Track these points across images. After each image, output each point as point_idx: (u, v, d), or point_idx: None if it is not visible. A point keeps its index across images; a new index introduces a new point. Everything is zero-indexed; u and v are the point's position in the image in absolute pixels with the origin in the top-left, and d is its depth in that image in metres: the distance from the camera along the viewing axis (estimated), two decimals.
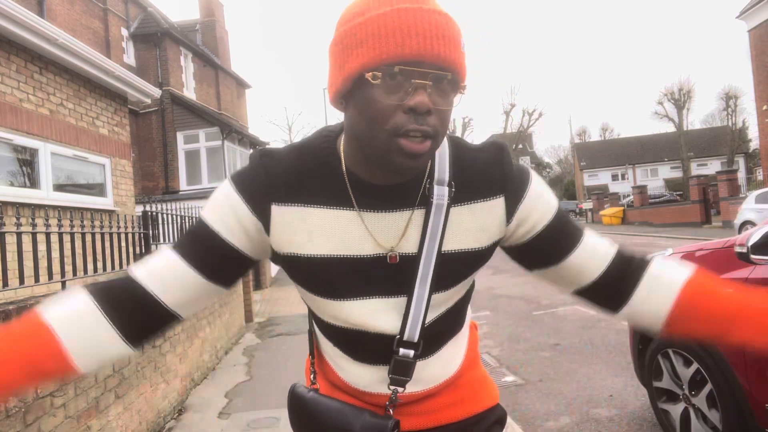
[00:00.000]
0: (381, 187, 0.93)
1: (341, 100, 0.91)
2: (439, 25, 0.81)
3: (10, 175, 5.39)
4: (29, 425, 2.45)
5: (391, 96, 0.83)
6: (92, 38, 14.64)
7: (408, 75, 0.82)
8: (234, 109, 22.69)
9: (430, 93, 0.83)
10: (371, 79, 0.82)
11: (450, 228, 0.95)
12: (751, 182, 28.13)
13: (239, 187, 0.94)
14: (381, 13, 0.82)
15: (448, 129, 0.91)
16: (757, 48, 21.79)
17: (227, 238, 0.94)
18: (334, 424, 1.00)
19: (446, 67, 0.83)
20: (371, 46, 0.82)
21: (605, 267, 1.01)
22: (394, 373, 0.99)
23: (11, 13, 4.92)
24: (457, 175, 0.96)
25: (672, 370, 2.99)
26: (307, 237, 0.94)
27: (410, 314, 0.96)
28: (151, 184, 16.75)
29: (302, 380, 1.18)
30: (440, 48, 0.81)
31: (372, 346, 1.01)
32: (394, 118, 0.83)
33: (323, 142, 0.97)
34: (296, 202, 0.94)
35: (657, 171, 52.06)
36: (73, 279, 3.15)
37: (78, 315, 0.91)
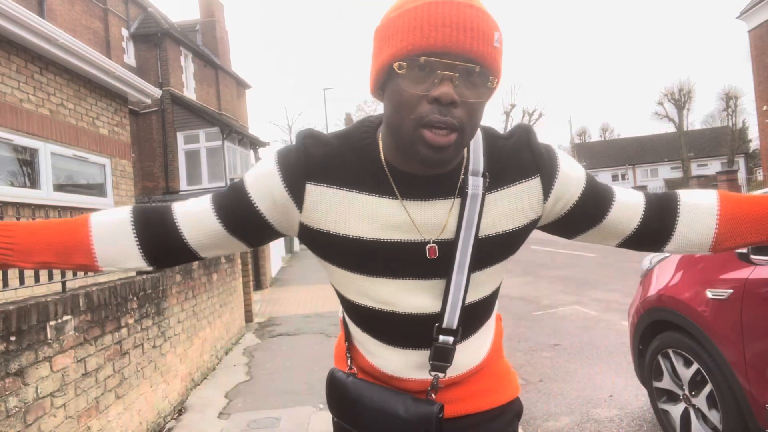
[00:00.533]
0: (420, 177, 0.96)
1: (379, 91, 0.94)
2: (468, 17, 0.82)
3: (11, 175, 5.39)
4: (29, 425, 2.45)
5: (417, 86, 0.85)
6: (92, 38, 14.64)
7: (434, 66, 0.83)
8: (234, 110, 22.69)
9: (457, 85, 0.84)
10: (397, 69, 0.85)
11: (486, 214, 0.98)
12: (751, 183, 28.11)
13: (280, 162, 0.99)
14: (413, 6, 0.84)
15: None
16: (757, 48, 21.79)
17: (257, 204, 0.99)
18: (377, 408, 1.03)
19: (474, 59, 0.83)
20: (400, 37, 0.84)
21: (642, 214, 1.07)
22: (435, 359, 1.01)
23: (11, 13, 4.92)
24: (491, 165, 1.00)
25: (672, 370, 2.99)
26: (344, 217, 0.97)
27: (449, 299, 0.99)
28: (152, 185, 16.75)
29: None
30: (467, 40, 0.82)
31: (404, 329, 1.03)
32: (419, 107, 0.85)
33: (364, 132, 1.01)
34: (334, 185, 0.97)
35: (657, 171, 52.02)
36: (74, 279, 3.15)
37: (113, 224, 1.03)
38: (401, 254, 0.98)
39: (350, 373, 1.11)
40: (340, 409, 1.11)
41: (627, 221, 1.07)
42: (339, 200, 0.97)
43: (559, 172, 1.02)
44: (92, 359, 3.09)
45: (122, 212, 1.04)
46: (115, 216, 1.04)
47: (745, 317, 2.45)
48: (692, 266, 2.99)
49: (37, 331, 2.55)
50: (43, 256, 1.00)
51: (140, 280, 3.86)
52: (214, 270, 6.05)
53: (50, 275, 3.01)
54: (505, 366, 1.20)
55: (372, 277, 1.00)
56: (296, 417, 4.05)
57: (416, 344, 1.03)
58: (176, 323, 4.62)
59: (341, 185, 0.97)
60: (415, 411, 0.99)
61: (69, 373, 2.83)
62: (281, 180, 0.97)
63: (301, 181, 0.97)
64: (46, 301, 2.64)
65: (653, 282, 3.23)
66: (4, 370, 2.29)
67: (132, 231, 1.02)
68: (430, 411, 0.98)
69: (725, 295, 2.57)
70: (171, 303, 4.52)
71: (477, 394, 1.12)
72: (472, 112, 0.87)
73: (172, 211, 1.04)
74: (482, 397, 1.12)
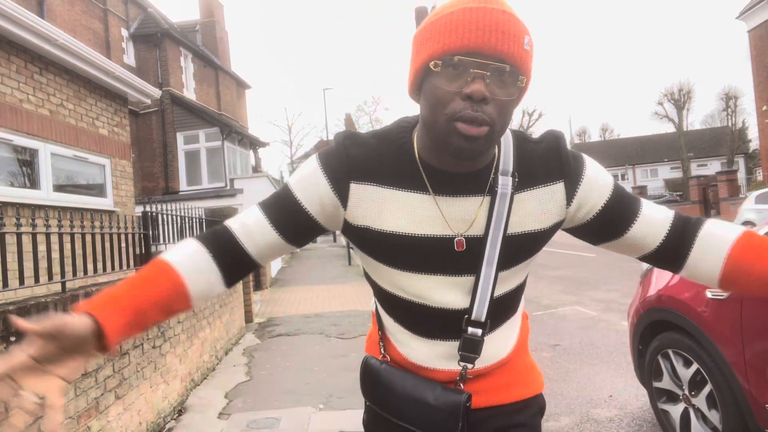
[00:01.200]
0: (452, 174, 1.02)
1: (416, 92, 1.00)
2: (500, 21, 0.89)
3: (11, 175, 5.39)
4: (29, 425, 2.44)
5: (452, 84, 0.91)
6: (92, 39, 14.64)
7: (467, 65, 0.90)
8: (234, 110, 22.69)
9: (488, 83, 0.90)
10: (433, 68, 0.92)
11: (514, 213, 1.03)
12: (751, 183, 28.08)
13: (324, 165, 1.05)
14: (450, 11, 0.92)
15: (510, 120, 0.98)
16: (757, 48, 21.80)
17: (307, 206, 1.05)
18: (408, 394, 1.09)
19: (505, 59, 0.90)
20: (437, 39, 0.92)
21: (665, 233, 1.08)
22: (464, 350, 1.07)
23: (11, 14, 4.92)
24: (520, 166, 1.05)
25: (672, 370, 2.99)
26: (382, 214, 1.03)
27: (478, 294, 1.04)
28: (151, 185, 16.74)
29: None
30: (498, 41, 0.89)
31: (434, 321, 1.08)
32: (452, 103, 0.91)
33: (400, 132, 1.07)
34: (374, 182, 1.04)
35: (657, 171, 52.03)
36: (74, 279, 3.15)
37: (193, 259, 1.05)
38: (431, 248, 1.03)
39: (383, 360, 1.18)
40: (372, 394, 1.17)
41: (651, 237, 1.08)
42: (378, 197, 1.04)
43: (584, 179, 1.06)
44: (92, 359, 3.09)
45: (192, 245, 1.07)
46: (188, 251, 1.06)
47: (744, 317, 2.45)
48: None
49: None
50: (154, 318, 1.01)
51: None
52: None
53: (50, 275, 3.01)
54: (530, 362, 1.25)
55: (405, 272, 1.06)
56: (296, 417, 4.05)
57: (445, 336, 1.09)
58: (176, 323, 4.62)
59: (380, 183, 1.04)
60: (444, 399, 1.05)
61: None
62: (327, 182, 1.04)
63: (345, 181, 1.04)
64: (46, 301, 2.64)
65: (653, 282, 3.23)
66: None
67: (211, 259, 1.05)
68: (459, 400, 1.04)
69: (725, 295, 2.57)
70: None
71: (502, 387, 1.16)
72: (502, 109, 0.92)
73: (230, 229, 1.08)
74: (507, 390, 1.17)
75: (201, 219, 6.36)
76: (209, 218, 6.74)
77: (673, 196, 37.63)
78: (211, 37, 22.72)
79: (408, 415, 1.09)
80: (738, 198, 19.40)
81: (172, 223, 5.32)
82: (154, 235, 4.68)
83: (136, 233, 4.20)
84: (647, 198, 27.01)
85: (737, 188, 21.35)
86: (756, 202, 13.19)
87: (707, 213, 23.22)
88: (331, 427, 3.83)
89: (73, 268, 3.15)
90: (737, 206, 16.19)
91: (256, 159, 22.16)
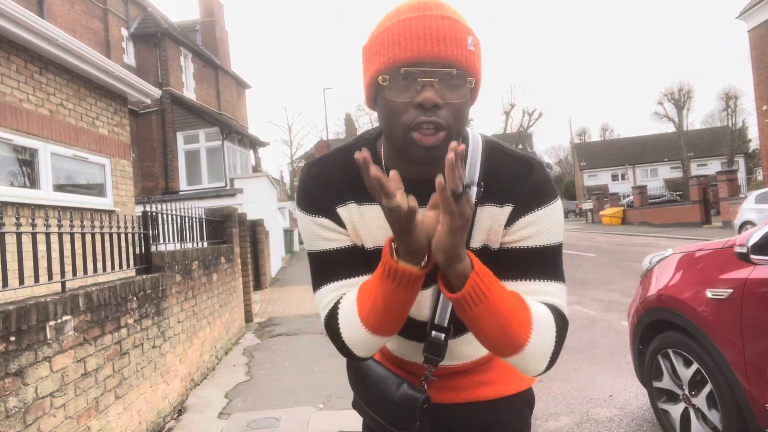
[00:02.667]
0: (420, 182, 1.00)
1: (372, 104, 1.01)
2: (440, 27, 0.90)
3: (10, 175, 5.38)
4: (29, 425, 2.45)
5: (402, 94, 0.92)
6: (92, 38, 14.63)
7: (415, 75, 0.91)
8: (234, 110, 22.69)
9: (438, 89, 0.91)
10: (381, 82, 0.93)
11: (476, 225, 1.02)
12: (751, 182, 28.08)
13: (305, 207, 1.07)
14: (390, 24, 0.93)
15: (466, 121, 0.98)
16: (757, 48, 21.79)
17: (337, 246, 1.05)
18: (378, 388, 1.14)
19: (450, 63, 0.90)
20: (381, 53, 0.93)
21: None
22: (428, 352, 1.10)
23: (11, 13, 4.92)
24: (487, 178, 1.03)
25: (672, 370, 2.99)
26: (365, 232, 1.05)
27: (440, 300, 1.06)
28: (151, 185, 16.74)
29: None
30: (440, 48, 0.89)
31: (409, 325, 1.09)
32: (406, 114, 0.91)
33: (363, 143, 1.08)
34: (351, 201, 1.05)
35: (657, 171, 52.04)
36: (73, 279, 3.15)
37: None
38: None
39: None
40: (353, 381, 1.24)
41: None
42: (359, 215, 1.05)
43: (532, 214, 1.00)
44: (92, 359, 3.09)
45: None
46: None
47: (744, 317, 2.45)
48: (692, 266, 2.99)
49: (37, 331, 2.55)
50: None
51: (140, 280, 3.86)
52: (213, 270, 6.05)
53: (50, 275, 3.01)
54: None
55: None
56: (296, 417, 4.05)
57: (418, 338, 1.13)
58: (176, 323, 4.62)
59: (356, 200, 1.05)
60: (405, 396, 1.09)
61: (69, 374, 2.83)
62: (316, 216, 1.05)
63: (332, 208, 1.05)
64: (46, 301, 2.64)
65: (653, 282, 3.23)
66: (4, 371, 2.29)
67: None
68: (416, 399, 1.07)
69: (725, 295, 2.57)
70: (171, 303, 4.52)
71: (482, 384, 1.19)
72: (456, 112, 0.93)
73: (337, 310, 1.04)
74: (487, 387, 1.19)
75: (201, 219, 6.35)
76: (209, 218, 6.73)
77: (673, 196, 37.62)
78: (211, 37, 22.71)
79: (375, 406, 1.15)
80: (738, 198, 19.38)
81: (172, 222, 5.32)
82: (154, 234, 4.67)
83: (136, 233, 4.19)
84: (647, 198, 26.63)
85: (737, 188, 21.32)
86: (756, 202, 13.18)
87: (707, 213, 23.19)
88: (331, 427, 3.83)
89: (73, 267, 3.15)
90: (737, 206, 16.18)
91: (256, 159, 22.16)
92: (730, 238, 2.84)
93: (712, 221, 22.76)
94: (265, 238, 13.40)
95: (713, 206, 23.88)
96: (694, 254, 3.04)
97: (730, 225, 16.72)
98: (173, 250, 4.85)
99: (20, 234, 2.64)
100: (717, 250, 2.83)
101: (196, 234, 6.09)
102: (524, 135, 49.89)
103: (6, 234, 2.57)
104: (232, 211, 7.56)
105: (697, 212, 23.44)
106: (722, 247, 2.79)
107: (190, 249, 5.32)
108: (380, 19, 0.99)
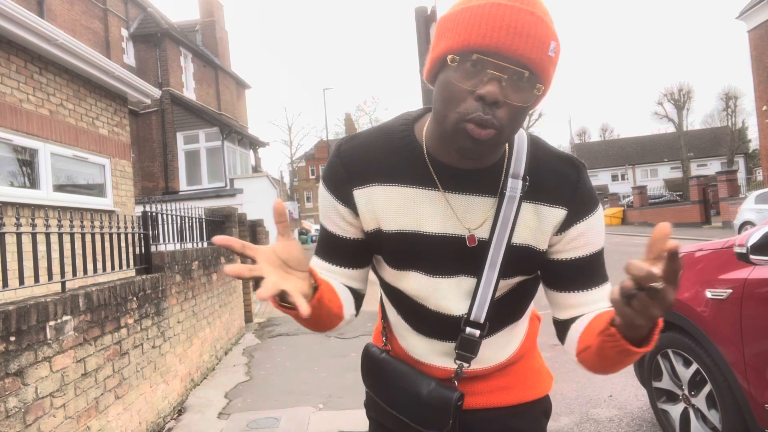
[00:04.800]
0: (462, 170, 0.98)
1: (432, 80, 0.96)
2: (528, 23, 0.84)
3: (10, 175, 5.38)
4: (29, 425, 2.45)
5: (466, 81, 0.87)
6: (92, 38, 14.64)
7: (485, 65, 0.86)
8: (234, 110, 22.69)
9: (503, 86, 0.86)
10: (450, 62, 0.87)
11: (519, 221, 0.99)
12: (750, 183, 28.11)
13: (326, 184, 1.05)
14: (477, 4, 0.86)
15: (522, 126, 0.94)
16: (757, 48, 21.79)
17: (342, 234, 1.06)
18: (403, 385, 1.09)
19: (525, 64, 0.85)
20: (458, 32, 0.87)
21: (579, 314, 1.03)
22: (461, 349, 1.05)
23: (11, 14, 4.92)
24: (533, 173, 1.00)
25: (672, 370, 2.99)
26: (389, 212, 1.01)
27: (478, 295, 1.02)
28: (151, 185, 16.75)
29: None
30: (521, 44, 0.84)
31: (432, 322, 1.07)
32: (464, 102, 0.87)
33: (402, 125, 1.04)
34: (378, 182, 1.01)
35: (657, 171, 52.04)
36: (73, 279, 3.15)
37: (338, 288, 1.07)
38: (436, 246, 1.01)
39: (384, 349, 1.18)
40: (370, 381, 1.18)
41: (589, 308, 1.03)
42: (384, 197, 1.01)
43: (587, 219, 1.01)
44: (92, 359, 3.09)
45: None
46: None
47: (744, 317, 2.45)
48: (692, 266, 2.99)
49: (37, 331, 2.55)
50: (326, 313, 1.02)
51: (140, 281, 3.86)
52: (213, 270, 6.05)
53: (50, 275, 3.01)
54: (537, 365, 1.22)
55: (408, 272, 1.04)
56: (296, 417, 4.05)
57: (442, 337, 1.07)
58: (176, 323, 4.62)
59: (385, 181, 1.01)
60: (437, 395, 1.04)
61: (69, 374, 2.83)
62: (334, 199, 1.04)
63: (348, 191, 1.02)
64: (46, 301, 2.64)
65: None
66: (4, 370, 2.29)
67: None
68: (450, 397, 1.03)
69: (725, 295, 2.57)
70: (171, 303, 4.52)
71: (501, 389, 1.15)
72: (514, 114, 0.88)
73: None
74: (506, 393, 1.15)
75: (201, 219, 6.35)
76: (209, 218, 6.73)
77: (673, 196, 37.61)
78: (211, 37, 22.71)
79: (400, 405, 1.09)
80: (738, 198, 19.39)
81: (172, 223, 5.32)
82: (154, 235, 4.67)
83: (135, 233, 4.19)
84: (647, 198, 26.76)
85: (737, 188, 21.32)
86: (756, 202, 13.19)
87: (707, 213, 23.20)
88: (330, 427, 3.83)
89: (73, 267, 3.15)
90: (737, 206, 16.19)
91: (256, 159, 22.16)
92: (729, 238, 2.84)
93: (711, 221, 22.77)
94: (265, 239, 13.39)
95: (713, 206, 23.89)
96: (694, 254, 3.04)
97: (730, 225, 16.73)
98: (173, 250, 4.85)
99: (20, 234, 2.64)
100: (716, 251, 2.83)
101: (196, 234, 6.09)
102: None
103: (6, 234, 2.57)
104: (232, 212, 7.56)
105: (696, 212, 23.44)
106: (722, 247, 2.79)
107: (190, 249, 5.32)
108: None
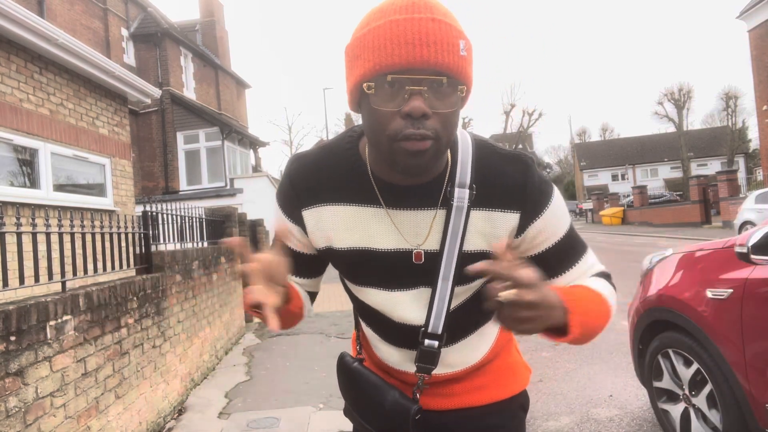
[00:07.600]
0: (404, 187, 0.98)
1: (356, 108, 0.96)
2: (431, 31, 0.83)
3: (11, 175, 5.38)
4: (29, 425, 2.45)
5: (389, 103, 0.86)
6: (92, 38, 14.64)
7: (402, 82, 0.85)
8: (234, 109, 22.69)
9: (427, 98, 0.85)
10: (366, 90, 0.87)
11: (470, 229, 0.99)
12: (751, 182, 28.07)
13: (279, 202, 1.09)
14: (376, 26, 0.86)
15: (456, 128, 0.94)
16: (757, 48, 21.79)
17: (295, 249, 1.10)
18: (369, 395, 1.12)
19: (441, 71, 0.84)
20: (366, 58, 0.86)
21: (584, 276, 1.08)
22: (420, 361, 1.06)
23: (11, 13, 4.92)
24: (479, 180, 0.99)
25: (672, 370, 2.99)
26: (339, 231, 1.03)
27: (434, 308, 1.02)
28: (151, 184, 16.75)
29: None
30: (430, 53, 0.83)
31: (397, 332, 1.08)
32: (392, 123, 0.86)
33: (347, 143, 1.04)
34: (322, 202, 1.03)
35: (657, 171, 52.04)
36: (74, 279, 3.15)
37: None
38: (389, 262, 1.01)
39: (357, 358, 1.20)
40: (343, 388, 1.21)
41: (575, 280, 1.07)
42: (332, 215, 1.03)
43: (543, 215, 1.00)
44: (92, 359, 3.09)
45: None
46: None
47: (745, 317, 2.45)
48: (692, 266, 2.99)
49: (37, 331, 2.55)
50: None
51: (140, 280, 3.86)
52: (213, 270, 6.05)
53: (50, 275, 3.01)
54: (513, 361, 1.22)
55: (366, 287, 1.07)
56: (296, 417, 4.05)
57: (410, 346, 1.09)
58: (176, 323, 4.62)
59: (332, 201, 1.03)
60: (397, 407, 1.06)
61: (69, 373, 2.83)
62: (285, 216, 1.08)
63: (297, 211, 1.06)
64: (46, 301, 2.64)
65: (653, 282, 3.23)
66: (4, 370, 2.29)
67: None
68: (408, 409, 1.05)
69: (725, 295, 2.57)
70: (171, 303, 4.52)
71: (476, 389, 1.16)
72: (445, 121, 0.88)
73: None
74: (481, 393, 1.16)
75: (201, 219, 6.35)
76: (209, 218, 6.73)
77: (673, 196, 37.61)
78: (211, 37, 22.71)
79: (366, 415, 1.13)
80: (738, 198, 19.38)
81: (173, 222, 5.32)
82: (154, 234, 4.67)
83: (136, 233, 4.19)
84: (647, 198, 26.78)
85: (737, 188, 21.31)
86: (756, 202, 13.18)
87: (707, 213, 23.19)
88: (331, 427, 3.83)
89: (73, 267, 3.15)
90: (737, 206, 16.19)
91: (256, 159, 22.16)
92: (730, 238, 2.84)
93: (712, 221, 22.76)
94: (265, 238, 13.38)
95: (713, 206, 23.87)
96: (694, 254, 3.04)
97: (730, 225, 16.72)
98: (173, 250, 4.85)
99: (20, 234, 2.64)
100: (717, 250, 2.83)
101: (196, 234, 6.09)
102: (524, 135, 49.86)
103: (6, 234, 2.57)
104: (232, 211, 7.56)
105: (697, 212, 23.44)
106: (722, 247, 2.79)
107: (190, 249, 5.32)
108: (363, 16, 0.92)
